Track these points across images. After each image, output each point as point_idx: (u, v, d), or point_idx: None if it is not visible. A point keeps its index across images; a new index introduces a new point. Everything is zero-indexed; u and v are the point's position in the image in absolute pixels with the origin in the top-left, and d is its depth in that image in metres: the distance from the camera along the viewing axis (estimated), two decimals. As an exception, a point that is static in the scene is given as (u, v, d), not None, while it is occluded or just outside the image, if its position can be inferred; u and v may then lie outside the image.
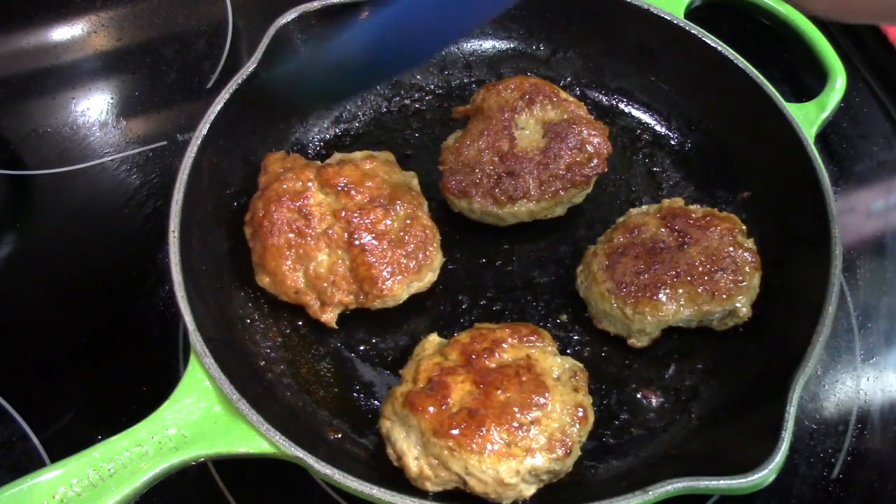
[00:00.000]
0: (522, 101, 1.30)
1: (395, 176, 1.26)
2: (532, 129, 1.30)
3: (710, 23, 1.40)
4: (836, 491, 1.14)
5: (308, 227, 1.17)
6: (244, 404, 1.00)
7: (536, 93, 1.31)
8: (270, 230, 1.17)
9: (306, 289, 1.17)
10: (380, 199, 1.20)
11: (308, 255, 1.17)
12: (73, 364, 1.22)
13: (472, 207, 1.26)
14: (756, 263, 1.19)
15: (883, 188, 1.47)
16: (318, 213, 1.19)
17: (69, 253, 1.33)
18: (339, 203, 1.19)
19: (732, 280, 1.16)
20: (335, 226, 1.18)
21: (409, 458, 1.03)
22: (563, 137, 1.28)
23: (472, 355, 1.07)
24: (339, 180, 1.20)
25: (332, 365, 1.19)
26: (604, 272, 1.18)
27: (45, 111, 1.49)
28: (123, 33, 1.61)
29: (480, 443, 0.99)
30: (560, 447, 1.01)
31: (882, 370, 1.25)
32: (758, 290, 1.19)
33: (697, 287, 1.15)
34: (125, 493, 0.92)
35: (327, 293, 1.16)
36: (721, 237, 1.20)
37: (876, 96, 1.55)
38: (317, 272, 1.17)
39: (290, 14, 1.33)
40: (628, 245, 1.20)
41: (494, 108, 1.30)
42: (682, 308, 1.16)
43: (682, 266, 1.17)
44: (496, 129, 1.28)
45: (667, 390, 1.18)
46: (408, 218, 1.20)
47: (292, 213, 1.18)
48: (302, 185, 1.19)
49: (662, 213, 1.24)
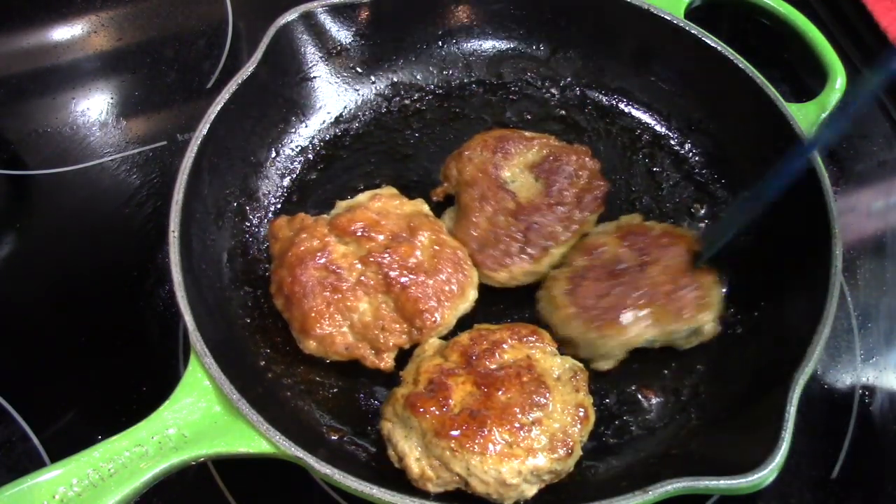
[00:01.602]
0: (498, 156, 1.28)
1: (407, 207, 1.23)
2: (522, 178, 1.28)
3: (710, 23, 1.40)
4: (836, 491, 1.14)
5: (340, 281, 1.14)
6: (244, 404, 1.00)
7: (506, 142, 1.29)
8: (304, 294, 1.13)
9: (356, 342, 1.14)
10: (401, 234, 1.18)
11: (350, 308, 1.14)
12: (73, 364, 1.22)
13: (513, 275, 1.22)
14: (717, 279, 1.18)
15: (883, 188, 1.47)
16: (346, 264, 1.16)
17: (69, 253, 1.34)
18: (362, 249, 1.17)
19: (695, 298, 1.15)
20: (367, 272, 1.15)
21: (411, 460, 1.03)
22: (557, 173, 1.27)
23: (472, 356, 1.07)
24: (356, 226, 1.17)
25: (331, 365, 1.19)
26: (565, 296, 1.16)
27: (45, 111, 1.49)
28: (123, 33, 1.61)
29: (482, 443, 0.99)
30: (562, 447, 1.02)
31: (882, 370, 1.25)
32: (720, 305, 1.18)
33: (662, 308, 1.14)
34: (125, 493, 0.92)
35: (380, 340, 1.14)
36: (681, 255, 1.18)
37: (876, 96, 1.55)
38: (363, 322, 1.14)
39: (290, 14, 1.33)
40: (589, 268, 1.19)
41: (477, 175, 1.26)
42: (647, 329, 1.14)
43: (645, 287, 1.15)
44: (491, 193, 1.25)
45: (666, 390, 1.18)
46: (434, 245, 1.18)
47: (320, 272, 1.15)
48: (319, 241, 1.16)
49: (621, 233, 1.22)
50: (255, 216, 1.31)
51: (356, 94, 1.45)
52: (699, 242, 1.21)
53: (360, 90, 1.46)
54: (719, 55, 1.36)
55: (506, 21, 1.49)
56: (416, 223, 1.19)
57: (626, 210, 1.35)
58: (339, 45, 1.42)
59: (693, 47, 1.38)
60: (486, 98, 1.48)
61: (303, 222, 1.20)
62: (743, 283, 1.27)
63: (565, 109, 1.47)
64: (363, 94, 1.46)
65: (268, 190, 1.35)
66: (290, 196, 1.36)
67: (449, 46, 1.50)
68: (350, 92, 1.45)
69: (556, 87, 1.49)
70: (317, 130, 1.42)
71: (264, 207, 1.33)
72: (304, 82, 1.40)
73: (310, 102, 1.41)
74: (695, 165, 1.41)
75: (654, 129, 1.46)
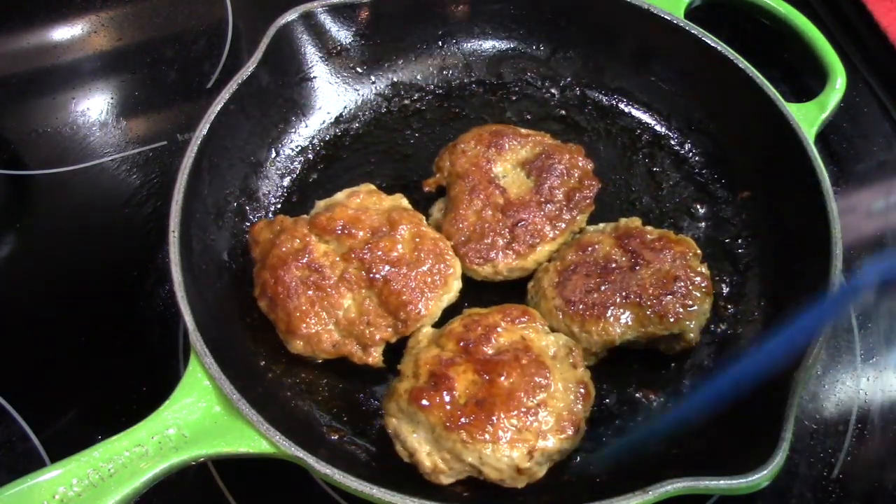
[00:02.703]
0: (492, 151, 1.29)
1: (385, 202, 1.24)
2: (514, 174, 1.29)
3: (710, 23, 1.40)
4: (836, 491, 1.14)
5: (323, 279, 1.15)
6: (244, 404, 1.00)
7: (500, 138, 1.30)
8: (288, 295, 1.14)
9: (343, 339, 1.15)
10: (381, 228, 1.18)
11: (334, 305, 1.14)
12: (73, 364, 1.22)
13: (497, 270, 1.23)
14: (708, 289, 1.18)
15: (883, 188, 1.47)
16: (328, 262, 1.16)
17: (69, 253, 1.33)
18: (343, 246, 1.17)
19: (682, 304, 1.15)
20: (349, 268, 1.16)
21: (422, 455, 1.03)
22: (549, 171, 1.27)
23: (468, 343, 1.08)
24: (335, 224, 1.18)
25: (331, 365, 1.19)
26: (554, 289, 1.18)
27: (45, 111, 1.49)
28: (123, 33, 1.61)
29: (492, 432, 1.00)
30: (569, 426, 1.03)
31: (882, 370, 1.25)
32: (708, 315, 1.18)
33: (646, 309, 1.14)
34: (125, 493, 0.92)
35: (366, 335, 1.14)
36: (674, 260, 1.19)
37: (876, 96, 1.55)
38: (348, 318, 1.15)
39: (290, 14, 1.33)
40: (580, 263, 1.19)
41: (469, 168, 1.27)
42: (628, 329, 1.15)
43: (632, 287, 1.16)
44: (482, 187, 1.26)
45: (666, 390, 1.18)
46: (414, 237, 1.18)
47: (303, 271, 1.15)
48: (300, 241, 1.17)
49: (618, 233, 1.23)
50: (255, 216, 1.31)
51: (356, 94, 1.46)
52: None
53: (360, 90, 1.46)
54: (719, 55, 1.36)
55: (506, 21, 1.49)
56: (395, 217, 1.20)
57: (625, 210, 1.35)
58: (339, 45, 1.42)
59: (693, 47, 1.38)
60: (486, 98, 1.48)
61: (282, 224, 1.21)
62: (743, 283, 1.27)
63: (565, 109, 1.47)
64: (363, 94, 1.46)
65: (268, 190, 1.35)
66: (290, 196, 1.36)
67: (449, 46, 1.50)
68: (350, 92, 1.45)
69: (556, 87, 1.49)
70: (317, 130, 1.42)
71: (264, 207, 1.34)
72: (304, 82, 1.40)
73: (310, 102, 1.41)
74: (695, 165, 1.41)
75: (654, 129, 1.46)
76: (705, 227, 1.34)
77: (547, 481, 1.06)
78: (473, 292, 1.24)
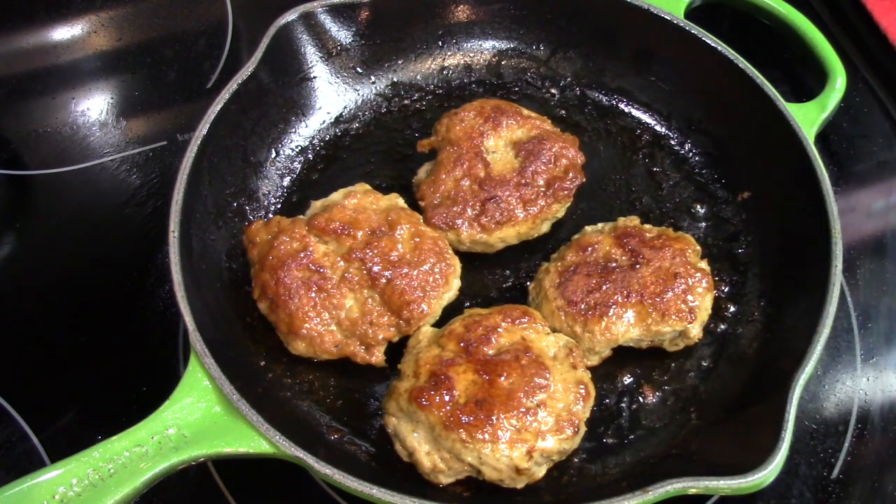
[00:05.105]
0: (488, 125, 1.29)
1: (382, 202, 1.24)
2: (503, 152, 1.29)
3: (710, 23, 1.40)
4: (836, 491, 1.14)
5: (325, 280, 1.15)
6: (244, 404, 1.00)
7: (500, 114, 1.30)
8: (289, 296, 1.13)
9: (345, 339, 1.15)
10: (380, 228, 1.18)
11: (336, 306, 1.14)
12: (73, 364, 1.22)
13: (460, 239, 1.24)
14: (709, 285, 1.18)
15: (883, 188, 1.47)
16: (329, 263, 1.16)
17: (69, 253, 1.34)
18: (343, 247, 1.17)
19: (683, 301, 1.15)
20: (350, 269, 1.16)
21: (421, 454, 1.03)
22: (537, 155, 1.27)
23: (469, 344, 1.08)
24: (334, 225, 1.17)
25: (331, 365, 1.19)
26: (555, 290, 1.18)
27: (45, 111, 1.49)
28: (123, 33, 1.61)
29: (492, 432, 1.00)
30: (568, 427, 1.03)
31: (882, 370, 1.25)
32: (709, 311, 1.19)
33: (648, 307, 1.15)
34: (125, 493, 0.92)
35: (369, 335, 1.14)
36: (674, 258, 1.19)
37: (876, 96, 1.55)
38: (350, 318, 1.15)
39: (290, 14, 1.33)
40: (581, 263, 1.20)
41: (461, 136, 1.28)
42: (631, 328, 1.15)
43: (634, 286, 1.16)
44: (468, 157, 1.27)
45: (666, 390, 1.19)
46: (413, 237, 1.19)
47: (303, 272, 1.15)
48: (299, 242, 1.17)
49: (617, 233, 1.23)
50: (255, 216, 1.31)
51: (356, 94, 1.46)
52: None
53: (360, 90, 1.46)
54: (719, 55, 1.36)
55: (506, 21, 1.49)
56: (393, 217, 1.20)
57: (625, 210, 1.35)
58: (339, 45, 1.42)
59: (693, 47, 1.38)
60: (486, 98, 1.48)
61: (279, 224, 1.20)
62: (743, 284, 1.27)
63: (565, 109, 1.47)
64: (363, 94, 1.46)
65: (268, 190, 1.35)
66: (290, 196, 1.36)
67: (449, 46, 1.50)
68: (350, 92, 1.45)
69: (556, 87, 1.49)
70: (317, 130, 1.42)
71: (264, 207, 1.34)
72: (304, 82, 1.40)
73: (310, 102, 1.41)
74: (695, 165, 1.41)
75: (654, 129, 1.45)
76: (705, 227, 1.34)
77: (547, 481, 1.06)
78: (474, 292, 1.24)
